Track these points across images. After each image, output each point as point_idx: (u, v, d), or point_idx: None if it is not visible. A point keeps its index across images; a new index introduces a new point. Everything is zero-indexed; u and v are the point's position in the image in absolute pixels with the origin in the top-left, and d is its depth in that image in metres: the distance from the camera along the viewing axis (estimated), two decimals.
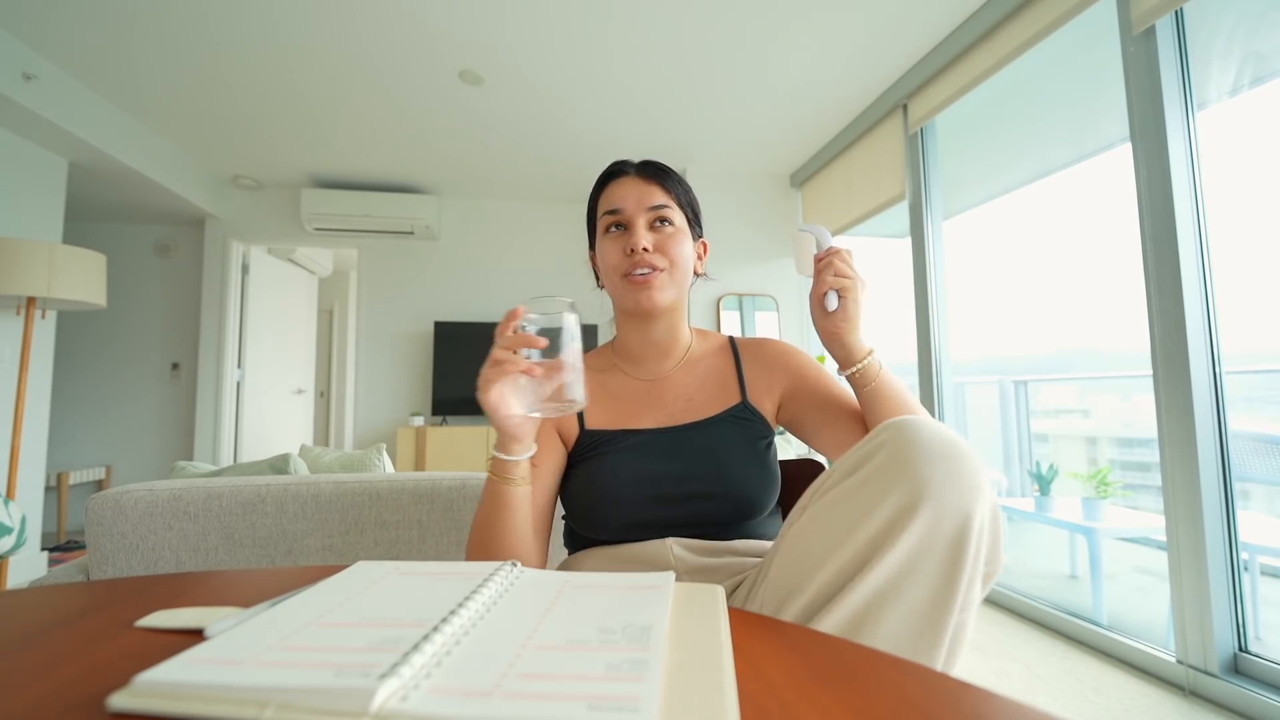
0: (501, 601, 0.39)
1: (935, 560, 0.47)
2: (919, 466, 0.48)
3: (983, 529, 0.49)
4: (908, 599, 0.48)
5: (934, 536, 0.47)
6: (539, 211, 4.32)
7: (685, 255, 0.78)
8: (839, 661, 0.34)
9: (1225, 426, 1.55)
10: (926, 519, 0.47)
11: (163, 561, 0.94)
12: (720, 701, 0.27)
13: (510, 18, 2.26)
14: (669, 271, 0.76)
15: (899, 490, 0.48)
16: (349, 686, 0.26)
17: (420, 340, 4.09)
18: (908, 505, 0.47)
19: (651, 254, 0.75)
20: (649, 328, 0.81)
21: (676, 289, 0.78)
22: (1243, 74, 1.79)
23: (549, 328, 0.60)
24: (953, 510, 0.47)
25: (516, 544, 0.69)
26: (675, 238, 0.77)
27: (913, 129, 2.67)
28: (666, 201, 0.78)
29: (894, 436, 0.51)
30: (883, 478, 0.49)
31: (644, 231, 0.76)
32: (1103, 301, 2.74)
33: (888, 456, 0.50)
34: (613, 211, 0.78)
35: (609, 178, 0.81)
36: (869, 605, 0.48)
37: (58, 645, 0.36)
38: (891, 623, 0.48)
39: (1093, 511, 2.15)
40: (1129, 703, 1.48)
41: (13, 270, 2.22)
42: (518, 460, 0.67)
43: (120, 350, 3.94)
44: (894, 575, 0.48)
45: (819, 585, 0.50)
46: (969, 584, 0.49)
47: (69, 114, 2.60)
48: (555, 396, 0.59)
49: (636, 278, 0.75)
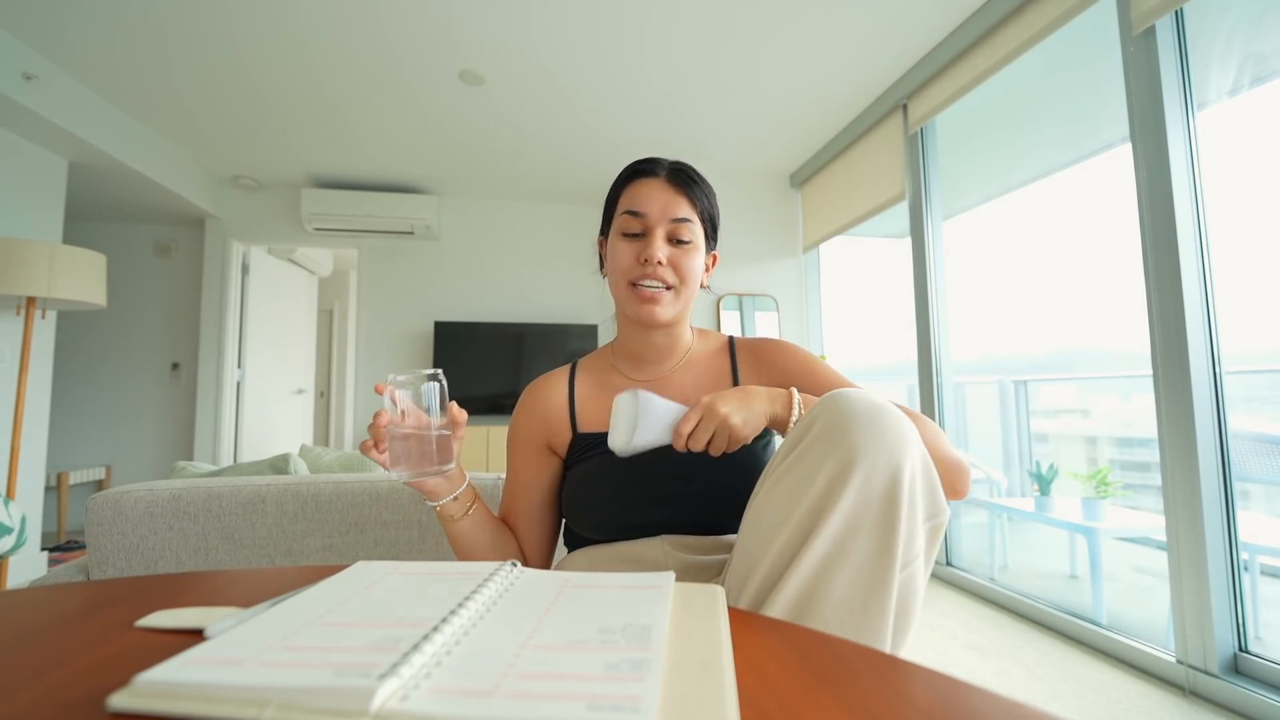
0: (501, 601, 0.39)
1: (872, 517, 0.49)
2: (848, 433, 0.50)
3: (914, 480, 0.51)
4: (853, 560, 0.50)
5: (868, 495, 0.49)
6: (539, 211, 4.32)
7: (696, 271, 0.77)
8: (839, 661, 0.34)
9: (1225, 426, 1.55)
10: (859, 480, 0.49)
11: (163, 561, 0.94)
12: (720, 701, 0.27)
13: (510, 18, 2.26)
14: (677, 289, 0.76)
15: (832, 458, 0.50)
16: (349, 686, 0.26)
17: (420, 340, 4.09)
18: (841, 470, 0.49)
19: (664, 268, 0.74)
20: (650, 334, 0.81)
21: (681, 305, 0.77)
22: (1242, 74, 1.79)
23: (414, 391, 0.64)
24: (882, 467, 0.49)
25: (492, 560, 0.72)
26: (690, 254, 0.76)
27: (913, 129, 2.67)
28: (690, 215, 0.76)
29: (825, 409, 0.53)
30: (817, 449, 0.51)
31: (661, 243, 0.74)
32: (1103, 301, 2.74)
33: (820, 429, 0.52)
34: (634, 213, 0.75)
35: (637, 174, 0.78)
36: (818, 573, 0.50)
37: (58, 645, 0.36)
38: (841, 586, 0.49)
39: (1093, 511, 2.16)
40: (1129, 703, 1.48)
41: (13, 270, 2.22)
42: (440, 504, 0.71)
43: (120, 350, 3.94)
44: (837, 539, 0.49)
45: (771, 561, 0.52)
46: (909, 537, 0.51)
47: (69, 114, 2.60)
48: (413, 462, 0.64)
49: (644, 291, 0.74)
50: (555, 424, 0.82)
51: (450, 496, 0.71)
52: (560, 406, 0.83)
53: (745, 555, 0.55)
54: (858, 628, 0.50)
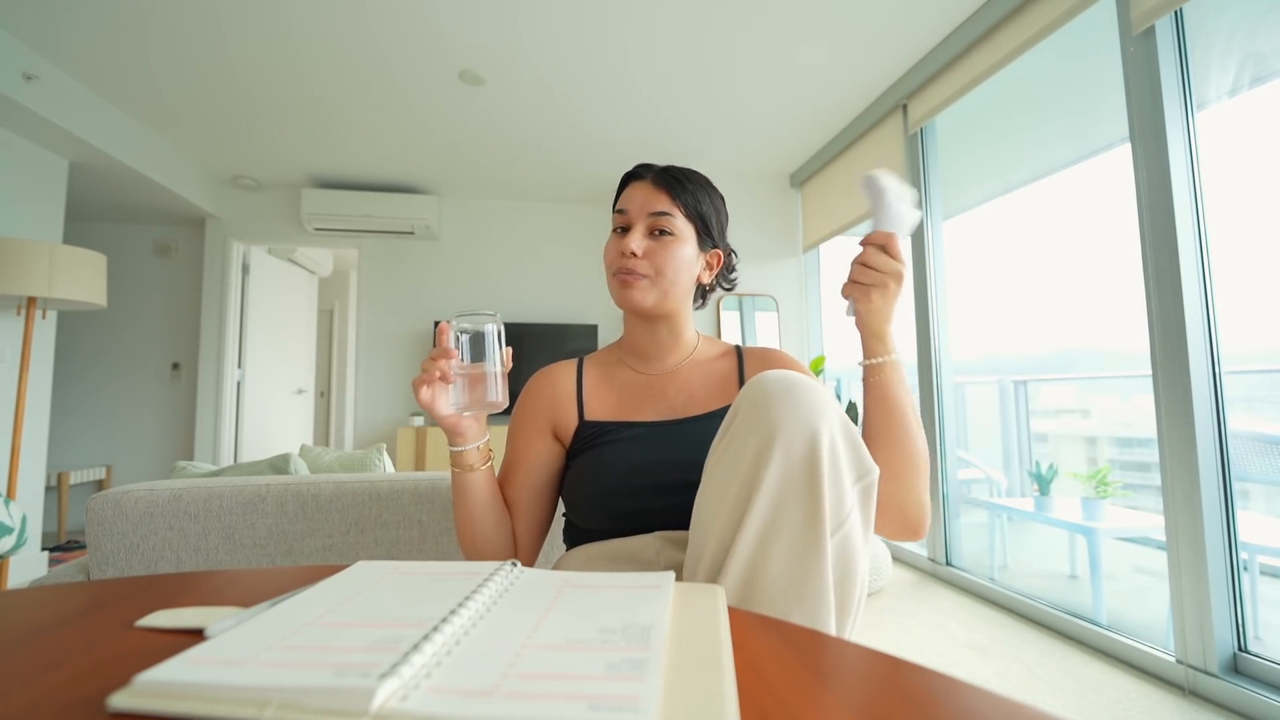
0: (501, 601, 0.39)
1: (798, 483, 0.51)
2: (767, 409, 0.53)
3: (834, 442, 0.52)
4: (786, 530, 0.51)
5: (791, 463, 0.51)
6: (539, 211, 4.32)
7: (678, 264, 0.79)
8: (839, 661, 0.34)
9: (1225, 426, 1.55)
10: (781, 451, 0.51)
11: (163, 561, 0.94)
12: (720, 701, 0.27)
13: (511, 18, 2.26)
14: (652, 279, 0.79)
15: (755, 436, 0.52)
16: (349, 686, 0.26)
17: (420, 340, 4.09)
18: (763, 445, 0.51)
19: (638, 260, 0.78)
20: (651, 325, 0.84)
21: (660, 294, 0.80)
22: (1242, 74, 1.79)
23: (475, 334, 0.70)
24: (800, 434, 0.51)
25: (489, 525, 0.75)
26: (669, 246, 0.79)
27: (913, 129, 2.67)
28: (670, 210, 0.79)
29: (747, 392, 0.56)
30: (743, 431, 0.54)
31: (639, 237, 0.79)
32: (1102, 301, 2.74)
33: (744, 411, 0.54)
34: (620, 212, 0.82)
35: (629, 178, 0.84)
36: (756, 549, 0.51)
37: (58, 645, 0.36)
38: (779, 559, 0.50)
39: (1092, 511, 2.16)
40: (1129, 703, 1.48)
41: (13, 270, 2.22)
42: (463, 450, 0.73)
43: (120, 350, 3.94)
44: (769, 513, 0.51)
45: (714, 544, 0.53)
46: (836, 500, 0.52)
47: (69, 114, 2.60)
48: (476, 398, 0.70)
49: (621, 277, 0.79)
50: (562, 409, 0.83)
51: (477, 443, 0.74)
52: (568, 393, 0.84)
53: (693, 545, 0.56)
54: (800, 597, 0.50)
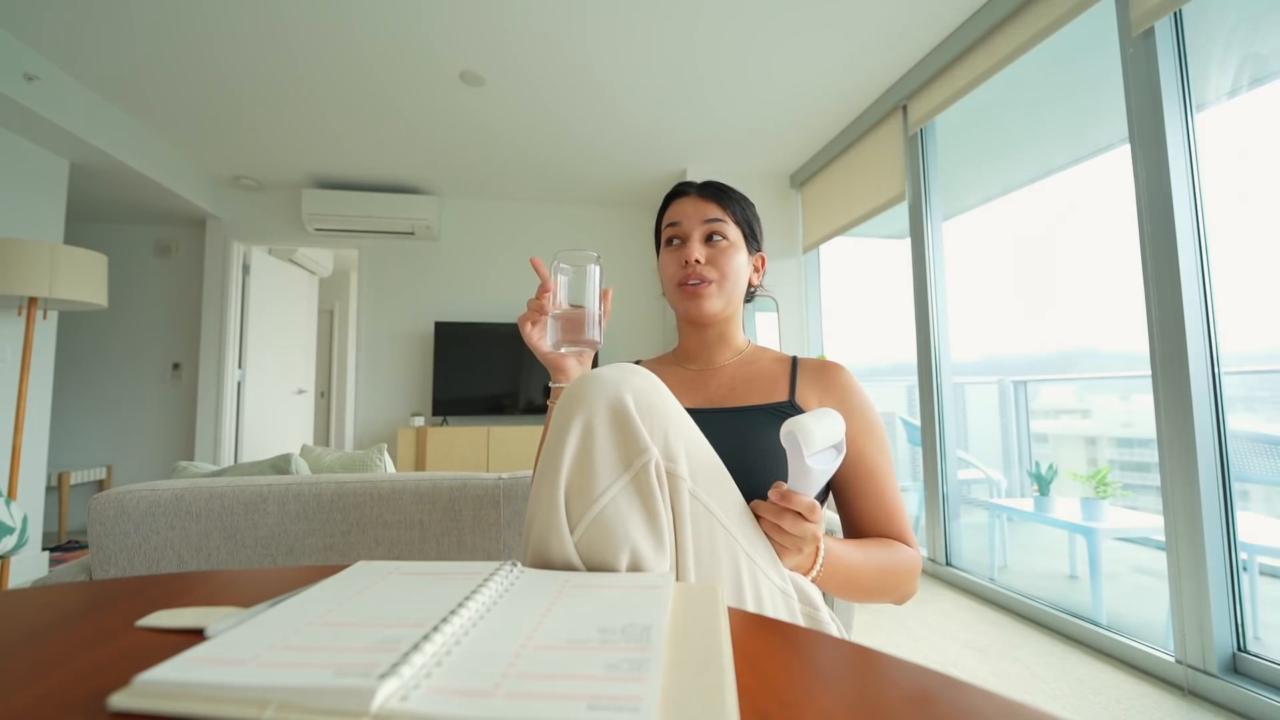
0: (501, 601, 0.39)
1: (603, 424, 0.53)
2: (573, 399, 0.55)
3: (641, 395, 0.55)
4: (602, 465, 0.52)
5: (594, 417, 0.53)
6: (539, 211, 4.33)
7: (737, 268, 0.83)
8: (839, 661, 0.34)
9: (1224, 426, 1.55)
10: (583, 414, 0.53)
11: (165, 561, 0.94)
12: (720, 701, 0.27)
13: (511, 19, 2.26)
14: (718, 283, 0.82)
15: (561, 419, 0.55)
16: (349, 686, 0.26)
17: (421, 340, 4.09)
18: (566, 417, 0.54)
19: (704, 266, 0.81)
20: (704, 332, 0.87)
21: (725, 299, 0.83)
22: (1241, 75, 1.79)
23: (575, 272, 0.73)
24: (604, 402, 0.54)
25: None
26: (728, 251, 0.82)
27: (912, 130, 2.67)
28: (721, 216, 0.82)
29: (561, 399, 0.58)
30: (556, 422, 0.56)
31: (698, 245, 0.82)
32: (1102, 302, 2.74)
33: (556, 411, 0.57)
34: (673, 225, 0.84)
35: (673, 196, 0.87)
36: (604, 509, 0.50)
37: (58, 645, 0.36)
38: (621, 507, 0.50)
39: (1092, 512, 2.16)
40: (1128, 703, 1.48)
41: (14, 271, 2.22)
42: (562, 387, 0.77)
43: (121, 350, 3.94)
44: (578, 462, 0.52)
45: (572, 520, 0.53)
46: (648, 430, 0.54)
47: (70, 114, 2.60)
48: (574, 336, 0.73)
49: (689, 288, 0.82)
50: None
51: None
52: None
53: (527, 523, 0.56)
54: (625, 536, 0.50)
